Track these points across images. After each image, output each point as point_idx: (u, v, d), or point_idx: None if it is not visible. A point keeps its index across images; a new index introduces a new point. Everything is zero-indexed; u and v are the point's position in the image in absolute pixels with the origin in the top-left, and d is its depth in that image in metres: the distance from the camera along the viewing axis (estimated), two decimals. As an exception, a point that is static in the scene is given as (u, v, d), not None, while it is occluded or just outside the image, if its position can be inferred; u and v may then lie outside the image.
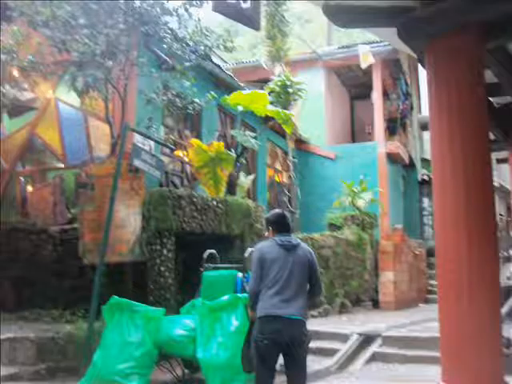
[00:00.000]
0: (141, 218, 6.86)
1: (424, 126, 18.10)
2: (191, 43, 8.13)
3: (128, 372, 5.01)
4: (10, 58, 7.28)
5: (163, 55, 8.40)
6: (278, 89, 11.87)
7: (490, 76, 4.54)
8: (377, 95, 15.12)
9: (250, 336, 4.17)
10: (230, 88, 10.56)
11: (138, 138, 7.16)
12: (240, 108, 9.12)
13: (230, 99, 8.96)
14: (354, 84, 17.39)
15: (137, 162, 6.37)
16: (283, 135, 12.91)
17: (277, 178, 14.59)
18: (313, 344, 5.38)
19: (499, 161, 13.37)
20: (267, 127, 12.24)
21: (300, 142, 14.72)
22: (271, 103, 9.74)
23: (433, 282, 13.45)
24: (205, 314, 5.21)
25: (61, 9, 6.83)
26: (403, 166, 16.86)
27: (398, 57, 15.22)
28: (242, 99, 8.92)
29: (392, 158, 15.38)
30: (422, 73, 15.61)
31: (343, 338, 7.66)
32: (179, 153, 10.14)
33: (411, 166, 17.36)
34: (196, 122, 10.60)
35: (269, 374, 3.69)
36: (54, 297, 7.14)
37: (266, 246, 3.88)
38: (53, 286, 7.34)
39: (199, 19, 8.11)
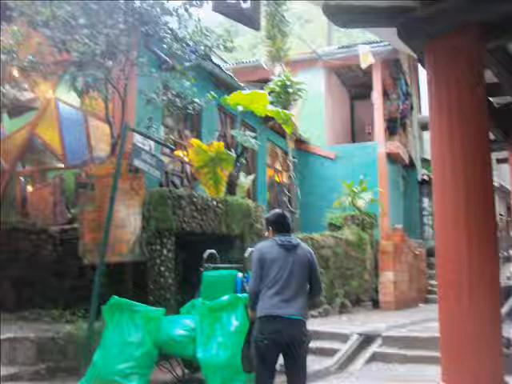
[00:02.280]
0: (141, 217, 6.86)
1: (424, 126, 18.12)
2: (191, 43, 8.13)
3: (128, 372, 5.01)
4: (10, 58, 7.27)
5: (163, 55, 8.40)
6: (278, 89, 11.87)
7: (490, 76, 4.55)
8: (377, 95, 15.11)
9: (250, 336, 4.17)
10: (229, 88, 10.56)
11: (138, 138, 7.17)
12: (240, 108, 9.11)
13: (230, 99, 8.95)
14: (354, 84, 17.38)
15: (137, 162, 6.37)
16: (283, 135, 12.91)
17: (277, 178, 14.59)
18: (313, 344, 5.38)
19: (499, 161, 13.38)
20: (267, 127, 12.23)
21: (300, 142, 14.72)
22: (271, 103, 9.73)
23: (433, 282, 13.46)
24: (205, 314, 5.21)
25: (61, 9, 6.83)
26: (403, 165, 16.85)
27: (397, 57, 15.23)
28: (242, 99, 8.92)
29: (392, 158, 15.38)
30: (422, 73, 15.64)
31: (343, 337, 7.66)
32: (179, 153, 10.14)
33: (411, 165, 17.36)
34: (196, 122, 10.60)
35: (269, 374, 3.69)
36: (54, 297, 7.13)
37: (265, 246, 3.88)
38: (53, 286, 7.34)
39: (199, 19, 8.11)
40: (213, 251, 6.21)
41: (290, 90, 11.97)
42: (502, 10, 3.47)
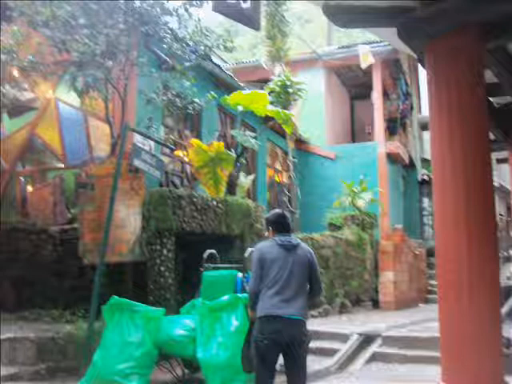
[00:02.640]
0: (141, 217, 6.86)
1: (424, 126, 18.12)
2: (191, 43, 8.13)
3: (128, 372, 5.01)
4: (10, 58, 7.27)
5: (163, 55, 8.40)
6: (278, 89, 11.87)
7: (490, 76, 4.55)
8: (377, 95, 15.11)
9: (250, 336, 4.17)
10: (229, 88, 10.56)
11: (137, 138, 7.17)
12: (240, 108, 9.11)
13: (230, 99, 8.95)
14: (354, 84, 17.38)
15: (137, 162, 6.37)
16: (283, 135, 12.91)
17: (277, 178, 14.59)
18: (313, 344, 5.38)
19: (499, 161, 13.39)
20: (267, 127, 12.23)
21: (300, 142, 14.72)
22: (271, 103, 9.72)
23: (433, 282, 13.46)
24: (205, 314, 5.21)
25: (61, 9, 6.83)
26: (403, 165, 16.86)
27: (397, 57, 15.23)
28: (242, 99, 8.92)
29: (392, 158, 15.39)
30: (422, 73, 15.64)
31: (343, 338, 7.66)
32: (179, 153, 10.14)
33: (411, 165, 17.36)
34: (196, 122, 10.60)
35: (269, 374, 3.69)
36: (54, 297, 7.13)
37: (265, 246, 3.88)
38: (53, 285, 7.34)
39: (199, 19, 8.11)
40: (213, 251, 6.21)
41: (290, 90, 11.97)
42: (502, 10, 3.47)
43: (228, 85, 10.93)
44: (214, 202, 7.98)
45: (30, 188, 9.50)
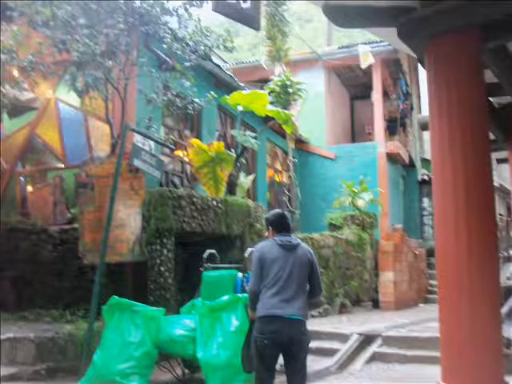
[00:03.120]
0: (141, 217, 6.85)
1: (424, 126, 18.09)
2: (191, 43, 8.13)
3: (128, 372, 5.01)
4: (9, 58, 7.28)
5: (163, 55, 8.40)
6: (278, 89, 11.88)
7: (490, 76, 4.55)
8: (377, 95, 15.12)
9: (250, 336, 4.17)
10: (229, 88, 10.56)
11: (137, 138, 7.16)
12: (240, 108, 9.10)
13: (230, 99, 8.95)
14: (353, 84, 17.39)
15: (137, 162, 6.36)
16: (283, 135, 12.91)
17: (277, 178, 14.59)
18: (313, 344, 5.37)
19: (499, 161, 13.37)
20: (267, 127, 12.23)
21: (300, 142, 14.73)
22: (271, 103, 9.72)
23: (433, 282, 13.46)
24: (205, 314, 5.21)
25: (61, 9, 6.84)
26: (403, 166, 16.86)
27: (397, 57, 15.23)
28: (241, 99, 8.91)
29: (392, 158, 15.39)
30: (422, 73, 15.64)
31: (343, 337, 7.66)
32: (179, 153, 10.14)
33: (411, 166, 17.36)
34: (196, 122, 10.60)
35: (269, 373, 3.70)
36: (54, 297, 7.14)
37: (265, 245, 3.88)
38: (53, 286, 7.35)
39: (199, 19, 8.11)
40: (213, 251, 6.21)
41: (290, 90, 11.98)
42: (502, 10, 3.47)
43: (228, 85, 10.93)
44: (214, 202, 7.98)
45: (30, 188, 9.49)
